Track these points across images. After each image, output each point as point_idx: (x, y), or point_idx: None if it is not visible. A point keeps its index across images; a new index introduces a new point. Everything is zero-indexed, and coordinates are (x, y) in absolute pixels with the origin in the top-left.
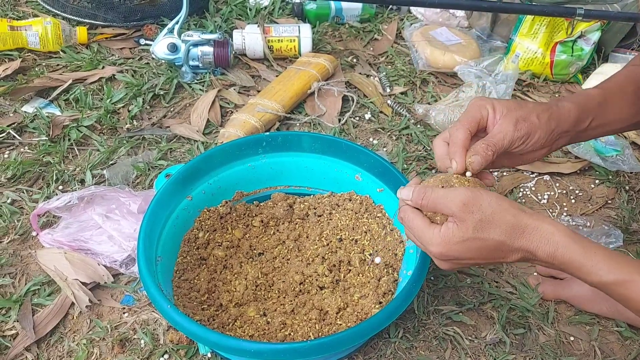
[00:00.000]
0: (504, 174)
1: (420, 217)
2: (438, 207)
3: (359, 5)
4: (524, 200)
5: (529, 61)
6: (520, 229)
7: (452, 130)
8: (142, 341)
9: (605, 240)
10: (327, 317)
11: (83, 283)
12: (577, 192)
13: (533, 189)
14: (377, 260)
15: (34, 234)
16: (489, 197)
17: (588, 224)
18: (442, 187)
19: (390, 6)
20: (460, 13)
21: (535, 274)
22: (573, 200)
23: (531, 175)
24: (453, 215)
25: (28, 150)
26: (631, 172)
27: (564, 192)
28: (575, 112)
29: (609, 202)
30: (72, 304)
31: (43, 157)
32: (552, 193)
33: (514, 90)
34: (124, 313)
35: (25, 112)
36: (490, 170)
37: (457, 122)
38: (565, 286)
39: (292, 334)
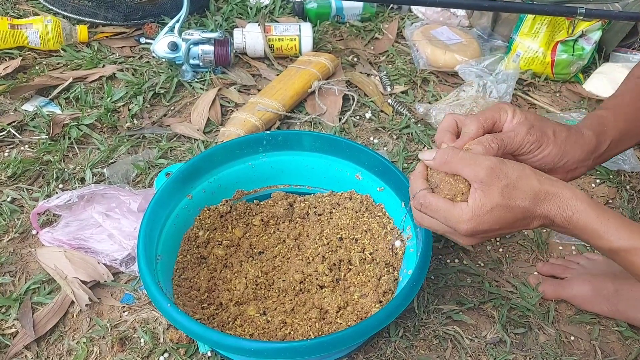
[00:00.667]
0: None
1: (443, 198)
2: (464, 170)
3: (360, 4)
4: None
5: (530, 60)
6: (543, 194)
7: (467, 120)
8: (142, 340)
9: None
10: (327, 316)
11: (83, 282)
12: None
13: None
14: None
15: (34, 232)
16: (512, 163)
17: None
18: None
19: (391, 5)
20: (461, 12)
21: (535, 273)
22: None
23: None
24: (479, 181)
25: (28, 149)
26: (632, 172)
27: None
28: (594, 139)
29: (610, 201)
30: (72, 302)
31: (43, 155)
32: None
33: (515, 89)
34: (123, 312)
35: (25, 110)
36: None
37: (474, 115)
38: (566, 286)
39: (292, 332)
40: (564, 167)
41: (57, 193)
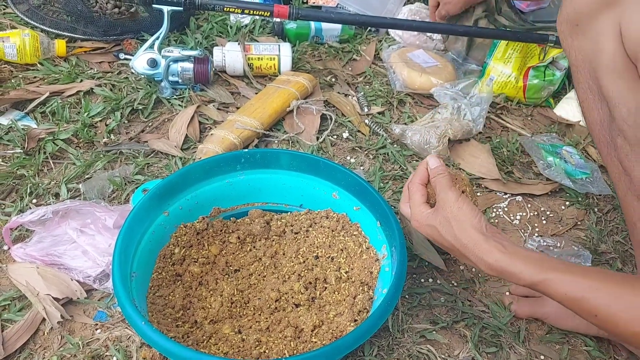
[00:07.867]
0: (478, 194)
1: (420, 193)
2: (436, 188)
3: (339, 26)
4: (496, 221)
5: (502, 85)
6: (465, 243)
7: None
8: (115, 358)
9: (574, 260)
10: (302, 334)
11: (55, 298)
12: (548, 213)
13: (506, 209)
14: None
15: (5, 248)
16: (466, 207)
17: (558, 245)
18: (455, 179)
19: (369, 28)
20: (436, 36)
21: (507, 293)
22: (544, 221)
23: (504, 196)
24: (436, 202)
25: (2, 163)
26: (600, 195)
27: (536, 213)
28: None
29: (579, 223)
30: (44, 319)
31: (17, 170)
32: (524, 214)
33: (488, 112)
34: (96, 329)
35: (0, 124)
36: None
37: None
38: (540, 303)
39: (267, 351)
40: None
41: (30, 208)
